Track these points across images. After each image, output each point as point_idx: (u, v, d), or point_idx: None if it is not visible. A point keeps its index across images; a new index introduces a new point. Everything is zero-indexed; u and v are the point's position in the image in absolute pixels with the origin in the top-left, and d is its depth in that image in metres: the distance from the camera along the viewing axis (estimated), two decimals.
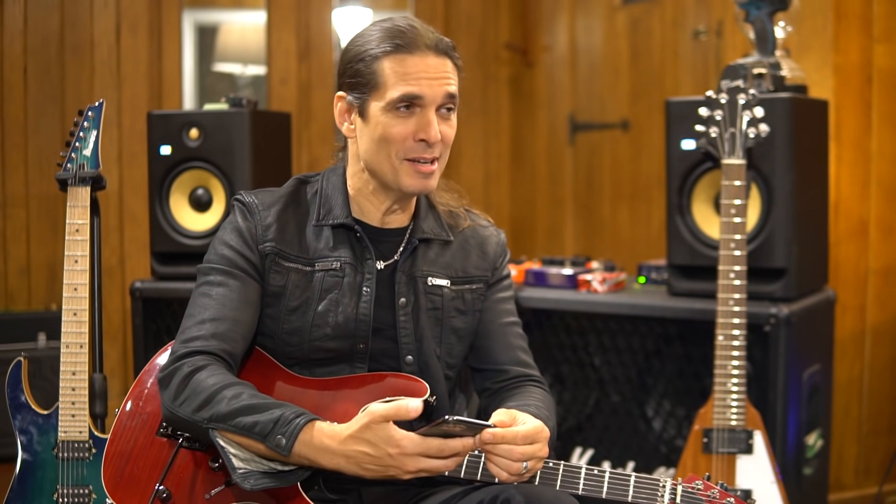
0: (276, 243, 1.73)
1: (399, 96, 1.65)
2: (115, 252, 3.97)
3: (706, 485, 1.58)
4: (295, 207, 1.78)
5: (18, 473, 2.19)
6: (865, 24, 3.11)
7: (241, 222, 1.75)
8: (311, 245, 1.75)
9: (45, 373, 3.00)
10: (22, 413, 2.20)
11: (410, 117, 1.67)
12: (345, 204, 1.77)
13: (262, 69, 4.37)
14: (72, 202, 2.24)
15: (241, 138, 2.80)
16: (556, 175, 4.67)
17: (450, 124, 1.71)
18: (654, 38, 4.14)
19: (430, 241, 1.82)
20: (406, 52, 1.66)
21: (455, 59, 1.72)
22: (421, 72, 1.66)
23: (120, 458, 1.66)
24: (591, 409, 2.83)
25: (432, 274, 1.80)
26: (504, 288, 1.90)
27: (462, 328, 1.82)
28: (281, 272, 1.73)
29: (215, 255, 1.74)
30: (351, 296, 1.74)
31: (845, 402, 3.15)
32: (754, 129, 2.29)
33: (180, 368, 1.61)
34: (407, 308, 1.77)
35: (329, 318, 1.72)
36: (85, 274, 2.22)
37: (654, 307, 2.66)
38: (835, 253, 3.05)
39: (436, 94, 1.66)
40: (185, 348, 1.64)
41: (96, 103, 2.30)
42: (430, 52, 1.67)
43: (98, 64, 3.92)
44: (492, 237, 1.90)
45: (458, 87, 1.71)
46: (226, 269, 1.71)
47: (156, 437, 1.67)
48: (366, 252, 1.76)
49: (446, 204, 1.88)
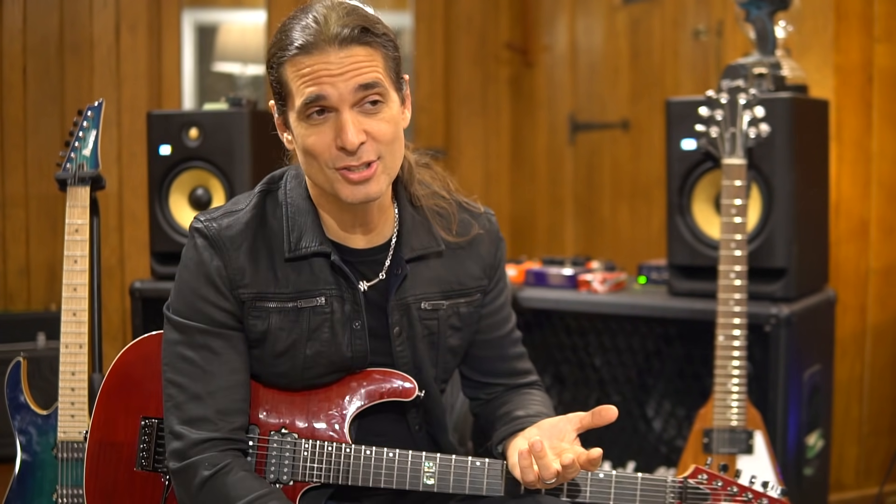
0: (251, 287, 1.56)
1: (301, 103, 1.46)
2: (115, 252, 3.97)
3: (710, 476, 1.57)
4: (264, 235, 1.58)
5: (18, 474, 2.19)
6: (866, 23, 3.11)
7: (210, 264, 1.56)
8: (290, 279, 1.57)
9: (44, 373, 2.99)
10: (21, 413, 2.19)
11: (324, 124, 1.47)
12: (315, 226, 1.58)
13: (262, 69, 4.37)
14: (71, 202, 2.24)
15: (240, 138, 2.80)
16: (556, 175, 4.67)
17: (380, 118, 1.48)
18: (655, 38, 4.14)
19: (420, 258, 1.64)
20: (304, 54, 1.45)
21: (372, 42, 1.47)
22: (320, 70, 1.44)
23: (103, 498, 1.61)
24: (591, 409, 2.83)
25: (426, 296, 1.65)
26: (499, 292, 1.76)
27: (458, 345, 1.72)
28: (261, 316, 1.57)
29: (191, 311, 1.56)
30: (343, 332, 1.60)
31: (846, 403, 3.15)
32: (755, 129, 2.29)
33: (197, 469, 1.51)
34: (402, 337, 1.64)
35: (321, 360, 1.60)
36: (84, 274, 2.22)
37: (654, 307, 2.66)
38: (835, 253, 3.05)
39: (342, 91, 1.45)
40: (194, 434, 1.52)
41: (96, 103, 2.30)
42: (329, 46, 1.44)
43: (98, 64, 3.92)
44: (483, 231, 1.73)
45: (384, 70, 1.48)
46: (207, 329, 1.55)
47: (136, 471, 1.61)
48: (348, 280, 1.59)
49: (430, 197, 1.69)
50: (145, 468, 1.62)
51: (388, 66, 1.51)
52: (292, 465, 1.58)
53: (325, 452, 1.58)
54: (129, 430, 1.63)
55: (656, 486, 1.57)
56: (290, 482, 1.58)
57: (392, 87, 1.52)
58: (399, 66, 1.55)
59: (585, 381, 2.83)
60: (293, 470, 1.58)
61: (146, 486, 1.61)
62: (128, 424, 1.63)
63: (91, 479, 1.62)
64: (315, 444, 1.58)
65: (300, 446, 1.58)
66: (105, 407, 1.64)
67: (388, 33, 1.52)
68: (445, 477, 1.57)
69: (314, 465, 1.58)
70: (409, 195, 1.68)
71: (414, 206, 1.67)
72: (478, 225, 1.73)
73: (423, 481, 1.57)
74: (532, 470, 1.48)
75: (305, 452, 1.58)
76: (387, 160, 1.52)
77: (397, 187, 1.67)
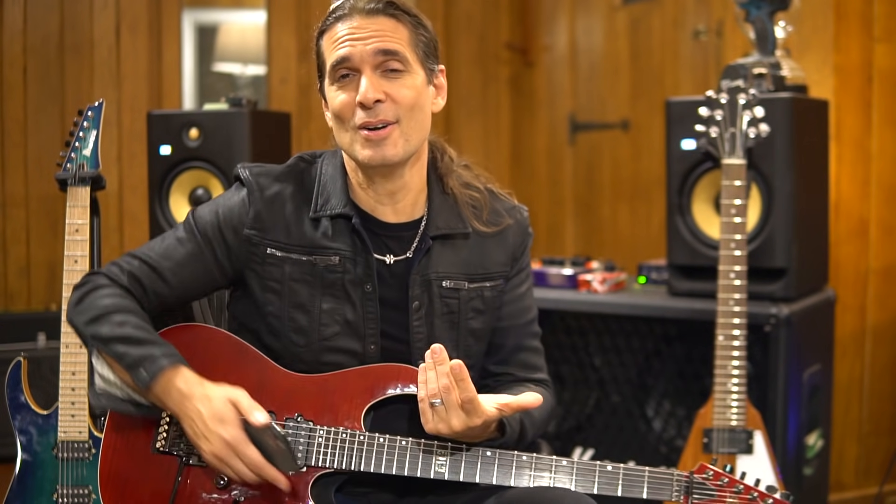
0: (267, 232, 1.66)
1: (330, 65, 1.61)
2: (115, 252, 3.97)
3: (716, 473, 1.58)
4: (294, 192, 1.69)
5: (18, 473, 2.19)
6: (866, 23, 3.11)
7: (237, 199, 1.68)
8: (309, 234, 1.66)
9: (44, 373, 2.99)
10: (21, 413, 2.20)
11: (349, 84, 1.60)
12: (343, 191, 1.68)
13: (262, 69, 4.37)
14: (71, 202, 2.24)
15: (240, 138, 2.80)
16: (556, 175, 4.67)
17: (401, 83, 1.59)
18: (654, 38, 4.14)
19: (446, 237, 1.71)
20: (337, 21, 1.61)
21: (396, 15, 1.61)
22: (347, 35, 1.59)
23: (118, 479, 1.62)
24: (591, 409, 2.83)
25: (449, 275, 1.69)
26: (521, 281, 1.79)
27: (480, 328, 1.74)
28: (276, 264, 1.65)
29: (203, 212, 1.69)
30: (354, 293, 1.66)
31: (845, 403, 3.15)
32: (754, 129, 2.29)
33: (88, 282, 1.65)
34: (420, 312, 1.68)
35: (336, 317, 1.65)
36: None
37: (654, 307, 2.66)
38: (835, 253, 3.05)
39: (363, 53, 1.58)
40: (103, 269, 1.67)
41: (96, 103, 2.30)
42: (358, 14, 1.60)
43: (98, 64, 3.92)
44: (513, 222, 1.78)
45: (408, 44, 1.61)
46: (195, 230, 1.67)
47: (151, 454, 1.62)
48: (365, 245, 1.66)
49: (464, 187, 1.76)
50: (161, 451, 1.63)
51: (414, 42, 1.62)
52: (306, 451, 1.60)
53: (339, 439, 1.60)
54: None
55: (663, 480, 1.58)
56: (303, 468, 1.59)
57: (417, 63, 1.62)
58: (430, 49, 1.66)
59: (585, 380, 2.83)
60: (307, 455, 1.60)
61: (161, 467, 1.62)
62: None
63: (106, 460, 1.63)
64: (329, 431, 1.60)
65: (315, 432, 1.60)
66: None
67: (418, 16, 1.65)
68: (456, 466, 1.58)
69: (328, 450, 1.60)
70: (442, 184, 1.74)
71: (445, 192, 1.74)
72: (509, 216, 1.79)
73: (435, 469, 1.58)
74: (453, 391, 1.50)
75: (320, 439, 1.60)
76: (404, 125, 1.60)
77: (430, 174, 1.74)
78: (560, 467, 1.58)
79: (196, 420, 1.52)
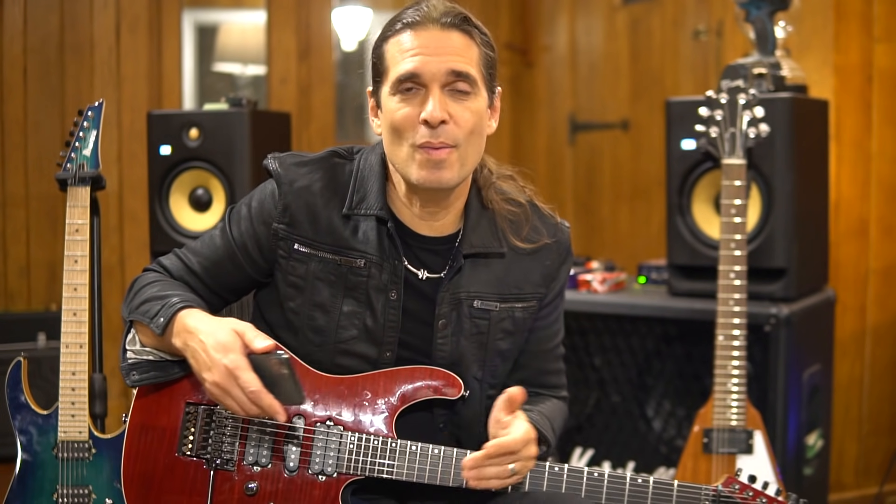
0: (295, 227, 1.62)
1: (397, 76, 1.53)
2: (115, 252, 3.97)
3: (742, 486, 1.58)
4: (325, 186, 1.63)
5: (18, 473, 2.18)
6: (866, 23, 3.11)
7: (268, 192, 1.65)
8: (338, 232, 1.61)
9: (44, 373, 3.00)
10: (22, 413, 2.19)
11: (413, 98, 1.53)
12: (380, 192, 1.62)
13: (262, 69, 4.37)
14: (71, 202, 2.24)
15: (241, 138, 2.80)
16: (556, 175, 4.67)
17: (466, 106, 1.53)
18: (654, 38, 4.14)
19: (479, 255, 1.65)
20: (407, 29, 1.54)
21: (470, 32, 1.55)
22: (418, 47, 1.52)
23: (142, 483, 1.58)
24: (591, 409, 2.83)
25: (480, 295, 1.64)
26: (554, 307, 1.74)
27: (508, 349, 1.69)
28: (301, 259, 1.62)
29: (236, 211, 1.68)
30: (377, 299, 1.61)
31: (845, 402, 3.15)
32: (754, 129, 2.29)
33: (133, 284, 1.68)
34: (447, 331, 1.63)
35: (355, 320, 1.61)
36: (85, 274, 2.22)
37: (654, 307, 2.66)
38: (835, 253, 3.05)
39: (435, 71, 1.51)
40: (154, 264, 1.72)
41: (96, 103, 2.29)
42: (432, 26, 1.53)
43: (98, 64, 3.92)
44: (552, 241, 1.71)
45: (478, 65, 1.55)
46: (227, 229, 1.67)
47: (177, 457, 1.59)
48: (396, 252, 1.61)
49: (504, 203, 1.70)
50: (187, 455, 1.59)
51: (482, 62, 1.57)
52: (337, 457, 1.58)
53: (370, 447, 1.58)
54: (172, 414, 1.61)
55: (692, 493, 1.58)
56: (334, 474, 1.58)
57: (483, 85, 1.57)
58: (492, 70, 1.61)
59: (585, 380, 2.83)
60: (338, 462, 1.58)
61: (188, 472, 1.59)
62: (171, 408, 1.61)
63: (129, 462, 1.60)
64: (360, 437, 1.58)
65: (346, 439, 1.58)
66: (147, 389, 1.63)
67: (488, 35, 1.61)
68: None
69: (359, 458, 1.58)
70: (481, 197, 1.69)
71: (484, 207, 1.68)
72: (548, 234, 1.72)
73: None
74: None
75: (351, 445, 1.58)
76: (462, 150, 1.55)
77: (471, 188, 1.68)
78: (591, 479, 1.58)
79: (200, 351, 1.50)
